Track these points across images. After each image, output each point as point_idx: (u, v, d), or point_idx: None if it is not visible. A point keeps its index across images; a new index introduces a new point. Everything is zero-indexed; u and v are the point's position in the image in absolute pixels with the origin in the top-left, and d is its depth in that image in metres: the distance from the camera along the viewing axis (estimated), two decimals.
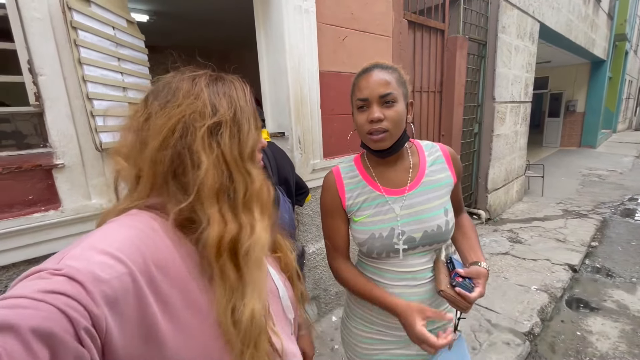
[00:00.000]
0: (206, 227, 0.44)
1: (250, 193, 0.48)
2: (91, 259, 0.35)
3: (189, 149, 0.44)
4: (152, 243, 0.41)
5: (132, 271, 0.37)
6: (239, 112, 0.49)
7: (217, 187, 0.45)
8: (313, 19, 1.87)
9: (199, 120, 0.45)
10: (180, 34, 4.21)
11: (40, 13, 1.05)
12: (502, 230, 3.72)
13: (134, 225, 0.42)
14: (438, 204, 0.84)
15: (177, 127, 0.44)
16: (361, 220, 0.85)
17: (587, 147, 9.69)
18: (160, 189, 0.46)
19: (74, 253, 0.36)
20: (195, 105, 0.46)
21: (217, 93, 0.48)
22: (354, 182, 0.87)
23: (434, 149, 0.89)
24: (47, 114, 1.10)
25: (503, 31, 3.63)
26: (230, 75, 0.52)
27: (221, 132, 0.46)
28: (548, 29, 4.70)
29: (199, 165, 0.44)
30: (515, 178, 4.66)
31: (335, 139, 2.11)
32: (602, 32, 7.86)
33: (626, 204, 4.66)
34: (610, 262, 3.00)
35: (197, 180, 0.44)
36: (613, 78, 10.27)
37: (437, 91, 3.23)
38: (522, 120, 4.56)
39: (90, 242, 0.37)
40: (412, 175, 0.86)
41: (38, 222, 1.11)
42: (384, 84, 0.76)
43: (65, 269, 0.33)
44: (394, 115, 0.76)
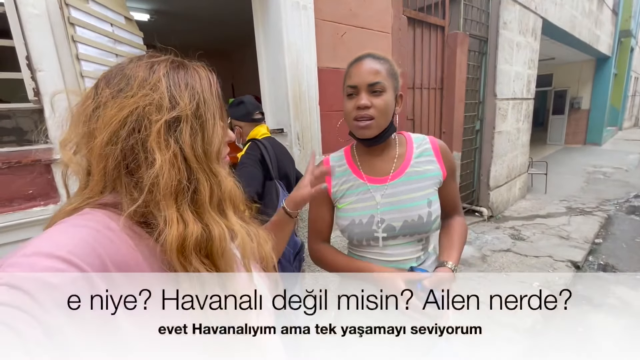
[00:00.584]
0: (163, 228, 0.40)
1: (220, 194, 0.45)
2: (37, 265, 0.31)
3: (142, 145, 0.40)
4: (109, 243, 0.37)
5: (88, 274, 0.34)
6: (202, 106, 0.44)
7: (174, 187, 0.41)
8: (311, 16, 1.87)
9: (155, 114, 0.41)
10: (181, 33, 4.24)
11: (38, 9, 1.06)
12: (504, 228, 3.70)
13: (86, 224, 0.38)
14: (421, 195, 0.84)
15: (128, 120, 0.40)
16: (344, 207, 0.87)
17: (592, 145, 9.58)
18: (113, 186, 0.42)
19: (14, 260, 0.32)
20: (151, 97, 0.41)
21: (177, 83, 0.43)
22: (341, 171, 0.90)
23: (424, 141, 0.90)
24: (46, 109, 1.12)
25: (504, 27, 3.60)
26: (195, 62, 0.48)
27: (180, 127, 0.42)
28: (551, 25, 4.66)
29: (152, 163, 0.40)
30: (518, 175, 4.63)
31: (334, 135, 2.11)
32: (607, 28, 7.77)
33: (631, 201, 4.60)
34: (614, 259, 2.96)
35: (150, 179, 0.39)
36: (618, 75, 10.15)
37: (438, 88, 3.22)
38: (525, 117, 4.52)
39: (35, 247, 0.33)
40: (397, 164, 0.87)
41: (37, 216, 1.13)
42: (374, 72, 0.77)
43: (6, 278, 0.30)
44: (381, 104, 0.78)
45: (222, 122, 0.48)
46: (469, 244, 3.24)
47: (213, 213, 0.44)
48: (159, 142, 0.40)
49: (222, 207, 0.46)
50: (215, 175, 0.45)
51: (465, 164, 3.71)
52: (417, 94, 2.99)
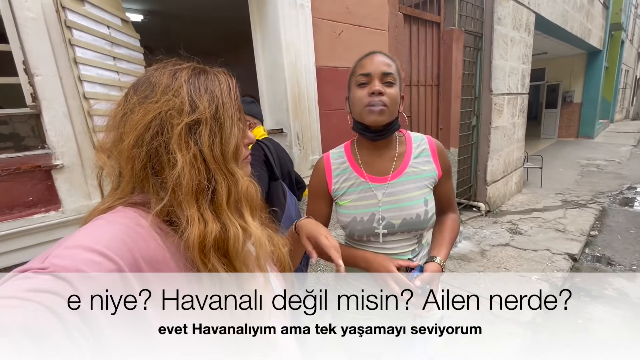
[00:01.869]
0: (186, 227, 0.43)
1: (236, 194, 0.47)
2: (77, 257, 0.34)
3: (165, 147, 0.43)
4: (140, 239, 0.40)
5: (121, 267, 0.36)
6: (220, 109, 0.46)
7: (195, 187, 0.43)
8: (309, 14, 1.86)
9: (177, 118, 0.43)
10: (175, 34, 4.19)
11: (33, 13, 1.04)
12: (501, 222, 3.73)
13: (120, 221, 0.41)
14: (419, 194, 0.87)
15: (152, 124, 0.43)
16: (345, 204, 0.90)
17: (585, 138, 9.69)
18: (142, 186, 0.45)
19: (59, 252, 0.35)
20: (173, 102, 0.44)
21: (198, 88, 0.46)
22: (342, 168, 0.92)
23: (423, 142, 0.92)
24: (44, 114, 1.10)
25: (499, 23, 3.62)
26: (216, 68, 0.50)
27: (200, 130, 0.44)
28: (544, 20, 4.69)
29: (175, 165, 0.43)
30: (514, 170, 4.67)
31: (333, 134, 2.11)
32: (598, 22, 7.84)
33: (625, 192, 4.67)
34: (610, 251, 3.01)
35: (173, 179, 0.42)
36: (609, 68, 10.26)
37: (434, 84, 3.22)
38: (520, 111, 4.56)
39: (75, 240, 0.37)
40: (397, 164, 0.89)
41: (39, 223, 1.11)
42: (386, 64, 0.81)
43: (51, 267, 0.32)
44: (393, 93, 0.81)
45: (240, 124, 0.50)
46: (468, 239, 3.26)
47: (230, 213, 0.46)
48: (180, 144, 0.43)
49: (238, 207, 0.47)
50: (232, 175, 0.47)
51: (462, 159, 3.73)
52: (414, 91, 2.99)
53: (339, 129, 2.14)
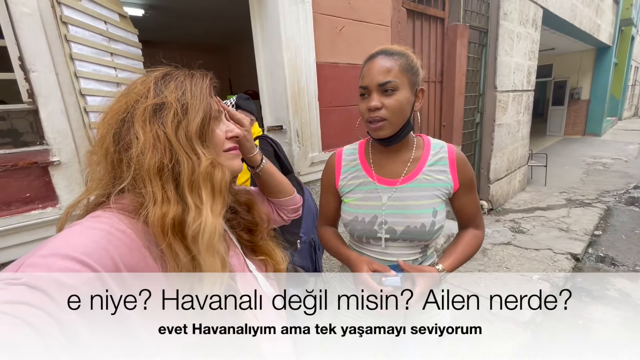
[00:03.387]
0: (149, 205, 0.43)
1: (198, 174, 0.46)
2: (53, 265, 0.33)
3: (129, 128, 0.46)
4: (121, 244, 0.39)
5: (101, 275, 0.36)
6: (188, 95, 0.48)
7: (157, 165, 0.44)
8: (309, 9, 1.84)
9: (142, 102, 0.47)
10: (176, 29, 4.17)
11: (29, 8, 1.04)
12: (504, 221, 3.71)
13: (99, 227, 0.40)
14: (427, 204, 0.83)
15: (120, 111, 0.47)
16: (350, 202, 0.89)
17: (592, 135, 9.56)
18: (116, 173, 0.46)
19: (32, 260, 0.34)
20: (139, 90, 0.48)
21: (165, 80, 0.49)
22: (352, 165, 0.90)
23: (442, 150, 0.87)
24: (41, 110, 1.10)
25: (505, 18, 3.55)
26: (194, 70, 0.53)
27: (165, 112, 0.47)
28: (551, 15, 4.60)
29: (138, 142, 0.45)
30: (518, 168, 4.62)
31: (334, 131, 2.09)
32: (608, 17, 7.67)
33: (631, 192, 4.61)
34: (614, 251, 2.98)
35: (136, 154, 0.44)
36: (619, 64, 10.07)
37: (438, 81, 3.18)
38: (525, 109, 4.49)
39: (51, 248, 0.35)
40: (410, 168, 0.85)
41: (36, 219, 1.11)
42: (384, 72, 0.75)
43: (24, 278, 0.31)
44: (393, 104, 0.75)
45: (215, 113, 0.53)
46: None
47: (192, 195, 0.46)
48: (143, 124, 0.46)
49: (196, 186, 0.47)
50: (197, 157, 0.47)
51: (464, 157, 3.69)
52: None
53: (339, 126, 2.12)
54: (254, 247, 0.63)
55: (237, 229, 0.62)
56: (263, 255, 0.63)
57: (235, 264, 0.57)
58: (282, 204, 0.78)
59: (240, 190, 0.67)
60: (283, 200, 0.77)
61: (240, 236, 0.62)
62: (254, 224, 0.64)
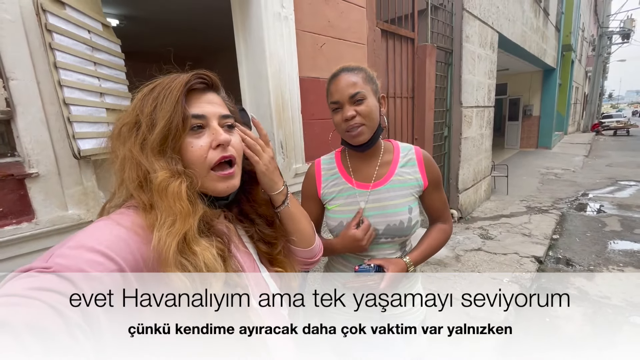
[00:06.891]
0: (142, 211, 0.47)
1: (156, 186, 0.46)
2: (80, 257, 0.36)
3: (116, 145, 0.51)
4: (139, 239, 0.42)
5: (122, 268, 0.38)
6: (158, 108, 0.49)
7: (136, 177, 0.47)
8: (292, 26, 1.90)
9: (123, 119, 0.51)
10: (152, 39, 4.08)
11: (11, 15, 0.99)
12: (473, 228, 3.92)
13: (122, 223, 0.43)
14: (403, 202, 0.90)
15: (117, 130, 0.51)
16: (333, 209, 0.93)
17: (544, 148, 10.45)
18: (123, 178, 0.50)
19: (62, 251, 0.36)
20: (126, 112, 0.52)
21: (148, 97, 0.50)
22: (331, 174, 0.95)
23: (410, 152, 0.95)
24: (18, 120, 1.04)
25: (467, 40, 3.87)
26: (184, 72, 0.55)
27: (140, 129, 0.49)
28: (506, 39, 5.08)
29: (117, 159, 0.49)
30: (483, 178, 4.94)
31: (316, 142, 2.14)
32: (552, 43, 8.58)
33: (580, 199, 5.08)
34: (570, 253, 3.25)
35: (119, 172, 0.49)
36: (562, 85, 11.21)
37: (410, 97, 3.37)
38: (487, 123, 4.85)
39: (78, 240, 0.38)
40: (383, 171, 0.92)
41: (9, 235, 1.03)
42: (351, 85, 0.82)
43: (54, 267, 0.34)
44: (365, 109, 0.83)
45: (183, 124, 0.49)
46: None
47: (159, 209, 0.46)
48: (120, 140, 0.50)
49: (159, 203, 0.46)
50: (154, 172, 0.47)
51: None
52: (391, 103, 3.11)
53: (321, 138, 2.17)
54: (272, 260, 0.63)
55: (254, 239, 0.62)
56: (279, 268, 0.63)
57: (246, 263, 0.57)
58: (295, 252, 0.71)
59: (265, 203, 0.66)
60: (297, 250, 0.71)
61: (258, 247, 0.62)
62: (273, 238, 0.64)
